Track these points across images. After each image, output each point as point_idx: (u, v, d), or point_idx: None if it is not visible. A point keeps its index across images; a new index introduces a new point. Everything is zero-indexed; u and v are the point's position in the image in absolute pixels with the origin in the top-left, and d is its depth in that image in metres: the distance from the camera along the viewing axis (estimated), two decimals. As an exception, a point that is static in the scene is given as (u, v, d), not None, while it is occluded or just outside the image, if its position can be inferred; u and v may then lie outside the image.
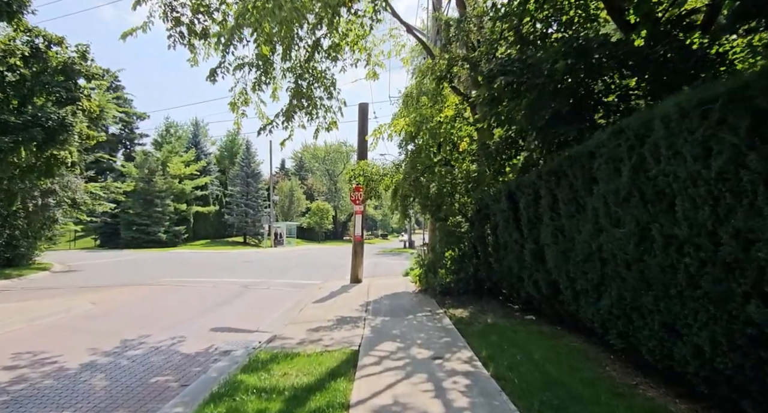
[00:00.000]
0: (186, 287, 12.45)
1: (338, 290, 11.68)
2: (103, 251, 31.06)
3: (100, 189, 20.17)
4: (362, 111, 13.55)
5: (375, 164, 10.76)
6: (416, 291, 10.99)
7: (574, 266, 4.78)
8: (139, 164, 35.59)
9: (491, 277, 8.63)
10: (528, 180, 6.12)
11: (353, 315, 8.28)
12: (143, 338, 6.80)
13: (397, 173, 10.45)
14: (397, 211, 11.45)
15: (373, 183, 10.56)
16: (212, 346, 6.48)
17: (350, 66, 9.03)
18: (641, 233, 3.45)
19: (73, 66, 13.51)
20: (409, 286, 12.14)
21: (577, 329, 5.89)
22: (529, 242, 6.21)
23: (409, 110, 9.84)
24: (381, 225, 78.07)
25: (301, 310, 8.96)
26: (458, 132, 10.34)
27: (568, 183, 4.82)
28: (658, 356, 3.48)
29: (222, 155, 51.74)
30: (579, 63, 5.09)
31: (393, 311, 8.47)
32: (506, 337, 6.16)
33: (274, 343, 6.31)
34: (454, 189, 9.53)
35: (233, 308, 9.32)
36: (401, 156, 11.06)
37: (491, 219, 8.26)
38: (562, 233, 5.11)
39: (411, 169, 9.85)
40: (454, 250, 9.96)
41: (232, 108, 8.89)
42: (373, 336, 6.51)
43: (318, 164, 71.25)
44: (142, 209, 34.46)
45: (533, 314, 7.48)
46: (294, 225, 49.93)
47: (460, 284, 9.58)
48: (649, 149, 3.26)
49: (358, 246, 13.24)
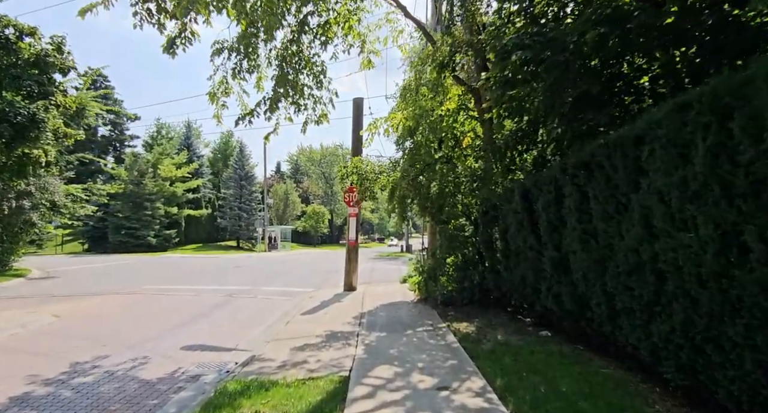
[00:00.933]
0: (165, 297, 11.49)
1: (330, 299, 10.75)
2: (90, 256, 29.98)
3: (81, 191, 19.12)
4: (357, 106, 12.67)
5: (370, 162, 9.86)
6: (415, 301, 10.09)
7: (614, 278, 3.89)
8: (129, 166, 34.54)
9: (500, 287, 7.73)
10: (548, 176, 5.23)
11: (345, 329, 7.36)
12: (99, 360, 5.85)
13: (394, 171, 9.55)
14: (395, 213, 10.56)
15: (368, 182, 9.64)
16: (179, 369, 5.55)
17: (342, 53, 8.15)
18: (723, 239, 2.56)
19: (47, 58, 12.57)
20: (408, 294, 11.23)
21: (605, 351, 5.00)
22: (548, 248, 5.32)
23: (408, 103, 8.96)
24: (377, 229, 77.09)
25: (287, 323, 8.03)
26: (461, 127, 9.47)
27: (604, 177, 3.93)
28: (747, 405, 2.58)
29: (216, 157, 50.74)
30: (613, 33, 4.21)
31: (390, 324, 7.55)
32: (523, 360, 5.25)
33: (251, 366, 5.38)
34: (457, 189, 8.64)
35: (212, 322, 8.38)
36: (398, 154, 10.17)
37: (500, 222, 7.37)
38: (594, 239, 4.22)
39: (409, 167, 8.96)
40: (456, 256, 9.06)
41: (211, 99, 7.98)
42: (366, 358, 5.60)
43: (314, 167, 70.30)
44: (131, 213, 33.37)
45: (548, 329, 6.58)
46: (289, 229, 48.91)
47: (463, 294, 8.68)
48: (741, 123, 2.37)
49: (352, 251, 12.32)
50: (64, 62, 13.06)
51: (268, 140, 8.28)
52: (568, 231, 4.68)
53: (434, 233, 11.65)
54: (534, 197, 5.68)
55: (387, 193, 9.91)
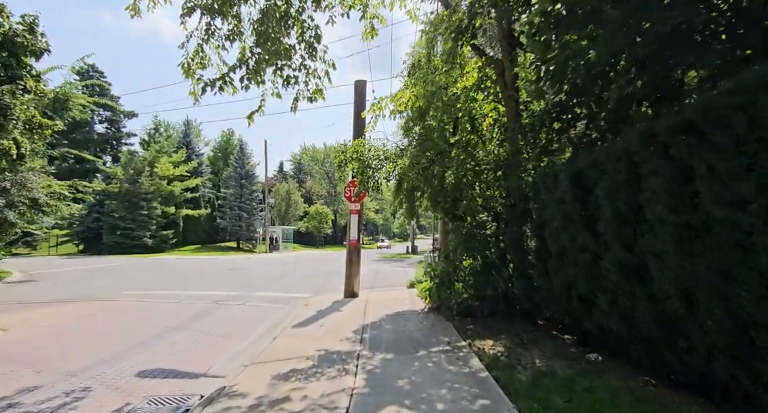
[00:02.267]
0: (143, 304, 10.18)
1: (329, 307, 9.40)
2: (82, 258, 28.79)
3: (66, 188, 17.85)
4: (359, 91, 11.32)
5: (373, 146, 8.47)
6: (426, 310, 8.73)
7: (754, 296, 2.50)
8: (124, 164, 33.34)
9: (531, 296, 6.35)
10: (614, 151, 3.84)
11: (343, 347, 6.01)
12: (22, 394, 4.52)
13: (401, 158, 8.18)
14: (402, 209, 9.21)
15: (372, 171, 8.27)
16: (123, 408, 4.21)
17: (341, 16, 6.77)
18: None
19: (15, 38, 11.32)
20: (416, 301, 9.87)
21: (694, 388, 3.62)
22: (614, 249, 3.93)
23: (418, 80, 7.59)
24: (382, 230, 75.70)
25: (274, 339, 6.69)
26: (480, 109, 8.10)
27: (733, 139, 2.55)
28: None
29: (216, 155, 49.54)
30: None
31: (398, 342, 6.19)
32: (579, 400, 3.88)
33: (215, 407, 4.04)
34: (477, 178, 7.27)
35: (186, 337, 7.05)
36: (406, 141, 8.77)
37: (533, 217, 6.01)
38: (709, 232, 2.83)
39: (420, 153, 7.59)
40: (475, 258, 7.68)
41: (185, 73, 6.63)
42: (368, 393, 4.24)
43: (317, 167, 69.00)
44: (127, 212, 32.14)
45: (597, 350, 5.20)
46: (291, 229, 47.64)
47: (484, 304, 7.31)
48: None
49: (354, 253, 10.97)
50: (36, 44, 11.81)
51: (251, 119, 6.92)
52: (656, 225, 3.29)
53: (447, 232, 10.28)
54: (590, 181, 4.29)
55: (393, 184, 8.53)
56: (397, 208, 9.51)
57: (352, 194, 10.89)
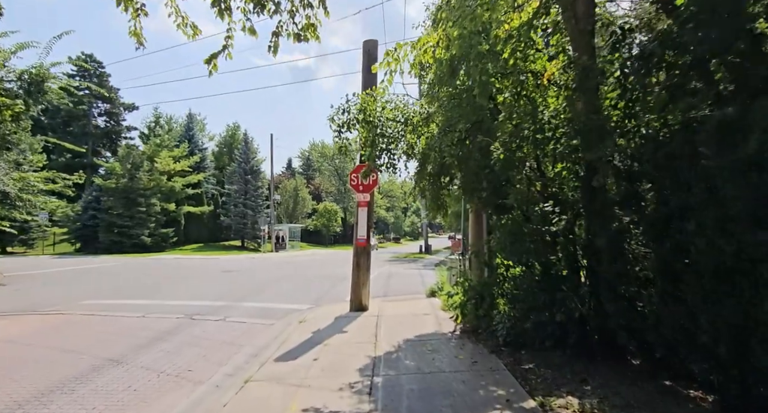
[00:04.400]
0: (95, 320, 8.14)
1: (330, 326, 7.25)
2: (76, 258, 27.04)
3: (41, 181, 15.94)
4: (368, 54, 9.11)
5: (391, 102, 6.15)
6: (457, 333, 6.55)
7: None
8: (122, 158, 31.55)
9: (634, 328, 4.09)
10: None
11: (343, 406, 3.84)
12: None
13: (424, 127, 5.93)
14: (424, 198, 7.01)
15: (386, 139, 6.01)
16: None
17: None
18: None
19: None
20: (441, 318, 7.70)
21: None
22: None
23: (451, 13, 5.38)
24: (393, 228, 73.34)
25: (245, 384, 4.55)
26: (536, 55, 5.82)
27: None
28: None
29: (221, 151, 47.64)
30: None
31: (427, 396, 3.99)
32: None
33: None
34: (539, 149, 5.00)
35: (117, 379, 4.92)
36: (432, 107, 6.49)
37: (645, 204, 3.76)
38: None
39: (458, 115, 5.36)
40: (529, 265, 5.45)
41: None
42: None
43: (327, 164, 66.82)
44: (124, 209, 30.32)
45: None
46: (298, 228, 45.57)
47: (546, 331, 5.08)
48: None
49: (362, 255, 8.78)
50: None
51: (214, 66, 4.80)
52: None
53: (479, 229, 8.04)
54: None
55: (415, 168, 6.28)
56: (417, 197, 7.33)
57: (359, 182, 8.70)
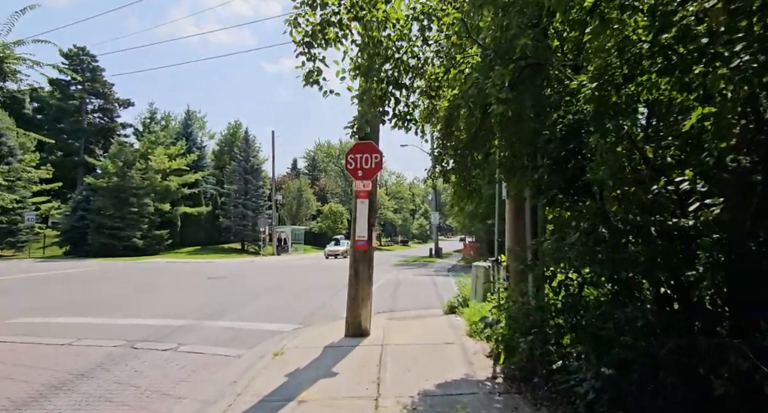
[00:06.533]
0: (0, 347, 6.09)
1: (312, 364, 5.11)
2: (61, 261, 25.16)
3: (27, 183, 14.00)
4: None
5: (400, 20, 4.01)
6: (498, 380, 4.40)
7: None
8: (113, 155, 29.75)
9: None
10: None
11: None
12: None
13: (457, 49, 3.79)
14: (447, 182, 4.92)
15: (401, 67, 3.69)
16: None
17: None
18: None
19: None
20: (467, 348, 5.57)
21: None
22: None
23: None
24: (401, 230, 71.08)
25: None
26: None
27: None
28: None
29: (221, 150, 45.77)
30: None
31: None
32: None
33: None
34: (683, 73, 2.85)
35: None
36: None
37: None
38: None
39: (503, 50, 3.25)
40: (636, 283, 3.28)
41: None
42: None
43: (332, 164, 64.97)
44: (115, 210, 28.48)
45: None
46: (302, 230, 43.58)
47: (676, 399, 2.91)
48: None
49: (361, 262, 6.65)
50: None
51: None
52: None
53: (518, 226, 5.87)
54: None
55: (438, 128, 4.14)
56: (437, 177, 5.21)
57: (358, 165, 6.58)
